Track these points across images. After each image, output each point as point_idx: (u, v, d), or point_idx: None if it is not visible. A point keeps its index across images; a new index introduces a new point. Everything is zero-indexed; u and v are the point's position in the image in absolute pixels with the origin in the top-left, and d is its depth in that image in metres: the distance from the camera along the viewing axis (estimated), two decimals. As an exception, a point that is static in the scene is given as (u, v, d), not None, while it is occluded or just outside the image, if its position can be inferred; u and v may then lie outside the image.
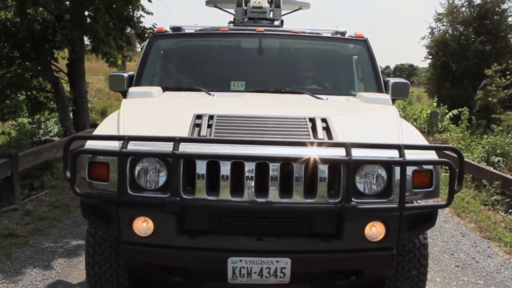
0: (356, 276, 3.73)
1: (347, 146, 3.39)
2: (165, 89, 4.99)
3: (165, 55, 5.72)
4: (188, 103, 4.60)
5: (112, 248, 3.94)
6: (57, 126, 13.40)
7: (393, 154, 3.48)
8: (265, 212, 3.48)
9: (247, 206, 3.37)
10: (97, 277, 4.01)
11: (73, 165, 3.48)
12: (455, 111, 17.82)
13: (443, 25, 24.88)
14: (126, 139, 3.44)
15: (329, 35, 5.85)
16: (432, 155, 3.67)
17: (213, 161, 3.41)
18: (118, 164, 3.38)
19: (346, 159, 3.35)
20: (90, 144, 3.63)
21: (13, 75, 12.25)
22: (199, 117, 3.84)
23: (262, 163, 3.39)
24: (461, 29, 23.98)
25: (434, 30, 25.08)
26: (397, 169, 3.47)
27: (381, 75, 5.29)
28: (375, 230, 3.55)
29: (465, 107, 17.53)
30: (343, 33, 5.76)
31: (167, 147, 3.38)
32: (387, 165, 3.51)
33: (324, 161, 3.42)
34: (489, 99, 18.89)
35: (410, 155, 3.44)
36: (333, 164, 3.46)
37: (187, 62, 5.67)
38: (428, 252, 4.10)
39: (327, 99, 4.86)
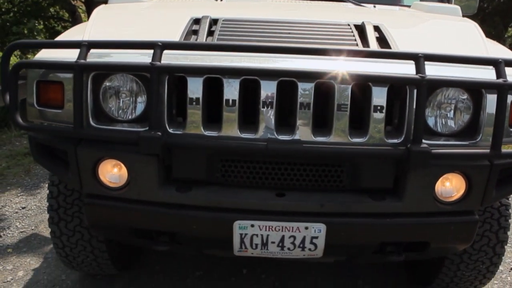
0: (417, 251, 2.46)
1: (419, 59, 2.04)
2: None
3: None
4: (186, 7, 3.14)
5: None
6: (76, 57, 12.32)
7: (483, 74, 2.14)
8: (290, 156, 2.19)
9: (264, 147, 2.08)
10: (64, 238, 2.79)
11: (13, 83, 2.23)
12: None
13: (474, -44, 22.48)
14: (85, 46, 2.13)
15: None
16: None
17: (214, 79, 2.11)
18: (74, 82, 2.11)
19: (418, 78, 2.01)
20: (42, 56, 2.35)
21: (29, 3, 11.19)
22: (197, 21, 2.48)
23: (287, 82, 2.08)
24: (494, -41, 21.61)
25: (463, -38, 22.75)
26: (490, 98, 2.13)
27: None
28: (450, 186, 2.25)
29: (495, 46, 15.80)
30: None
31: (147, 58, 2.09)
32: (477, 89, 2.17)
33: (383, 80, 2.09)
34: (521, 37, 17.20)
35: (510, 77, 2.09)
36: (395, 86, 2.13)
37: None
38: (510, 213, 2.78)
39: (374, 6, 3.38)
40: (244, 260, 3.45)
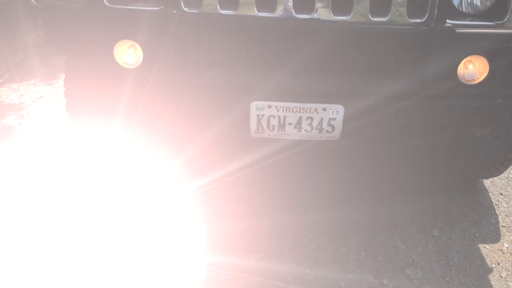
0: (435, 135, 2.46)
1: None
2: None
3: None
4: None
5: None
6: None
7: None
8: (309, 34, 2.14)
9: (282, 24, 2.03)
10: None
11: None
12: None
13: None
14: None
15: None
16: None
17: None
18: None
19: None
20: None
21: None
22: None
23: None
24: None
25: None
26: None
27: None
28: (472, 69, 2.21)
29: None
30: None
31: None
32: None
33: None
34: None
35: None
36: None
37: None
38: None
39: None
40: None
